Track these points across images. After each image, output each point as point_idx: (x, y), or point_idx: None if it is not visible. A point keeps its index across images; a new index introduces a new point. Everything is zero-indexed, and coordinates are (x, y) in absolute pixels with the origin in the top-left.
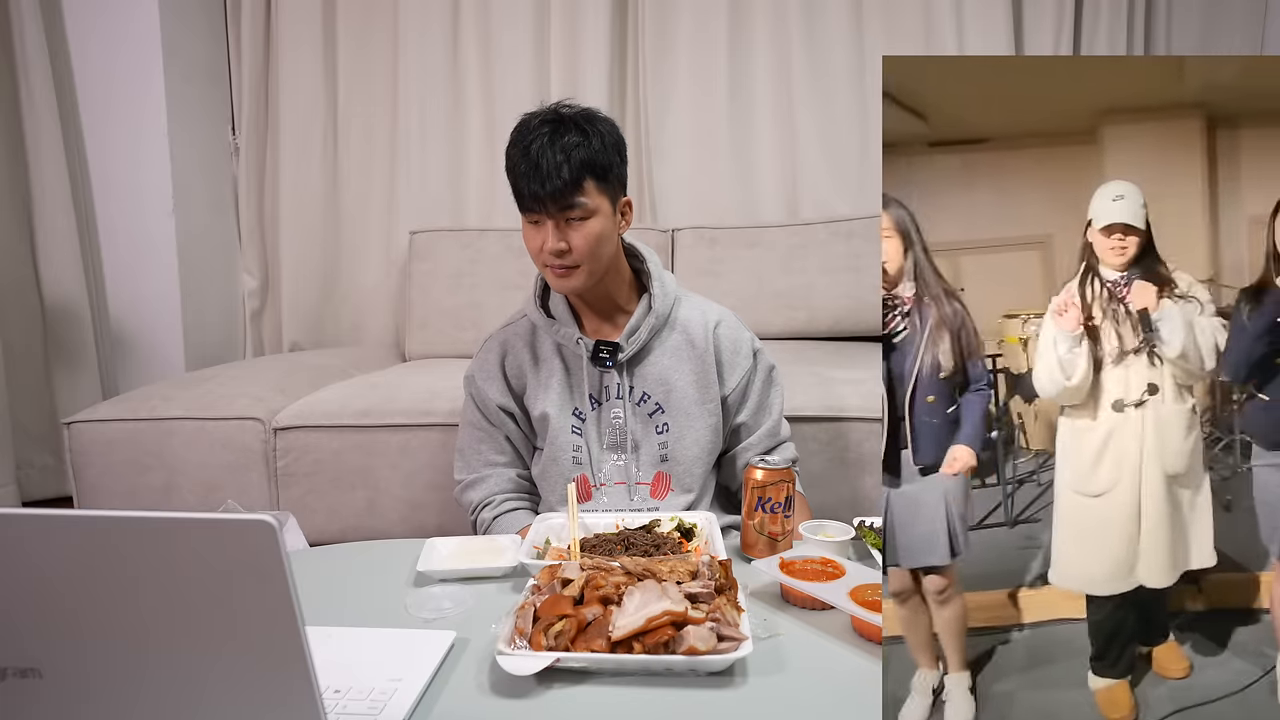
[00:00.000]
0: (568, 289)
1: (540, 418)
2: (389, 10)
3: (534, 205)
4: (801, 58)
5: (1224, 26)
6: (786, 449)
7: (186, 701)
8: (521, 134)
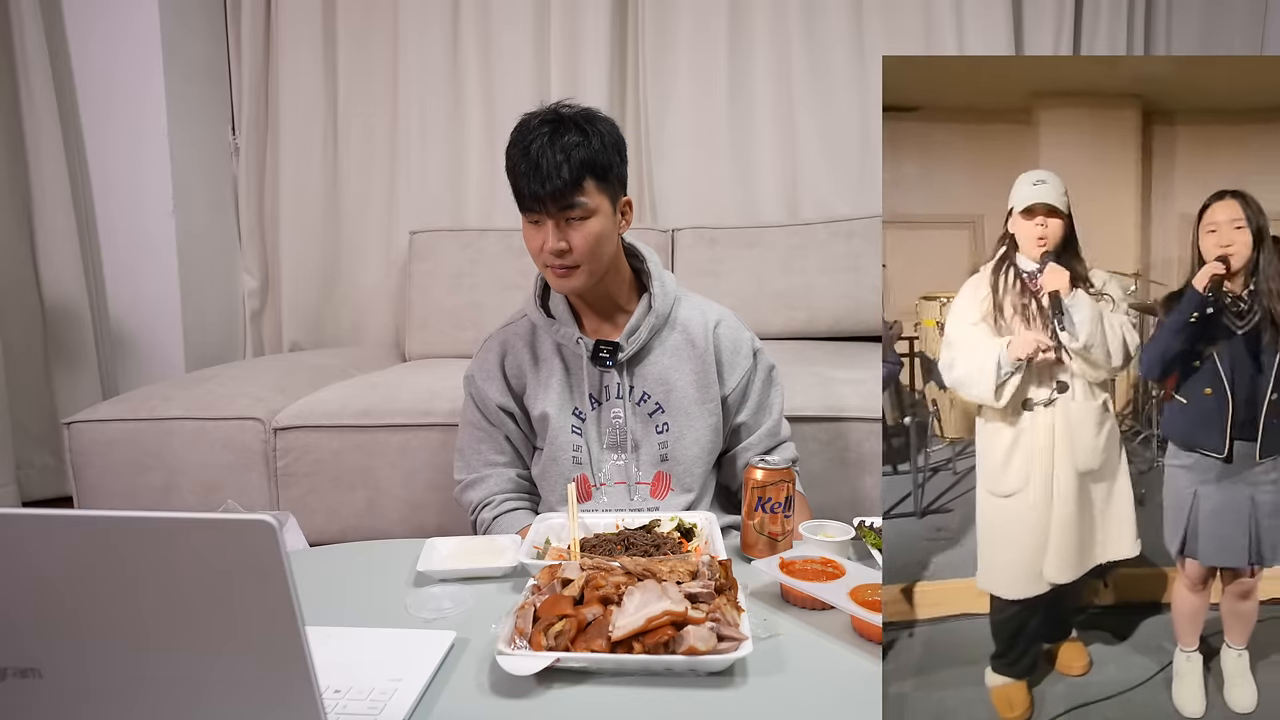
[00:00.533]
0: (568, 289)
1: (540, 417)
2: (389, 10)
3: (534, 205)
4: (801, 58)
5: (1224, 26)
6: (787, 449)
7: (186, 701)
8: (521, 134)
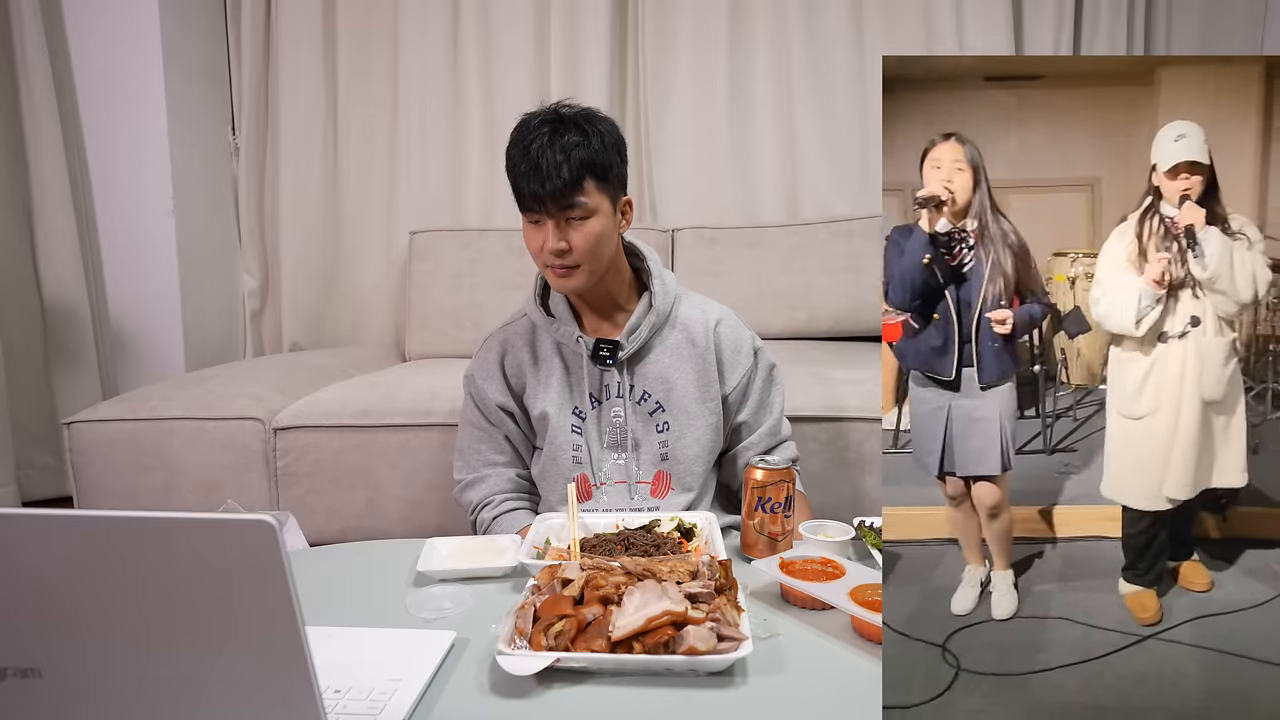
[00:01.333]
0: (568, 289)
1: (540, 417)
2: (389, 10)
3: (534, 205)
4: (801, 58)
5: (1224, 27)
6: (787, 448)
7: (186, 701)
8: (521, 134)
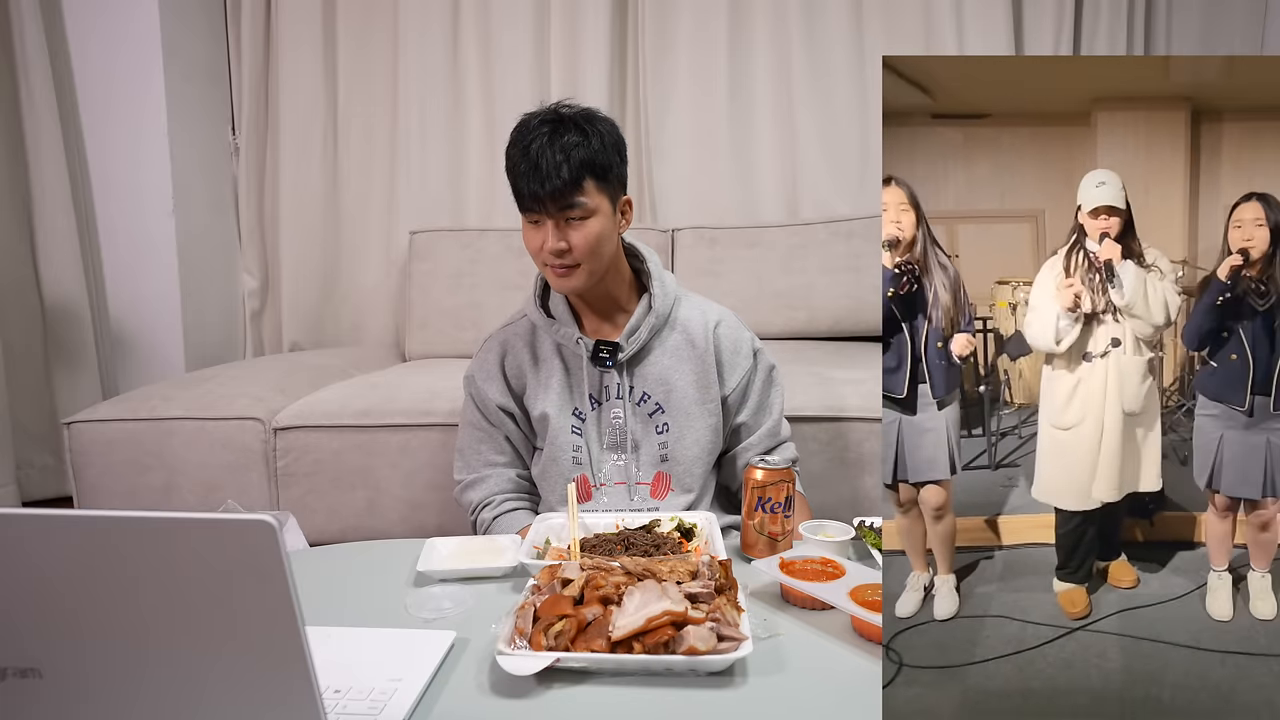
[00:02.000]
0: (568, 289)
1: (540, 418)
2: (389, 10)
3: (534, 205)
4: (801, 58)
5: (1224, 26)
6: (787, 449)
7: (186, 701)
8: (521, 134)
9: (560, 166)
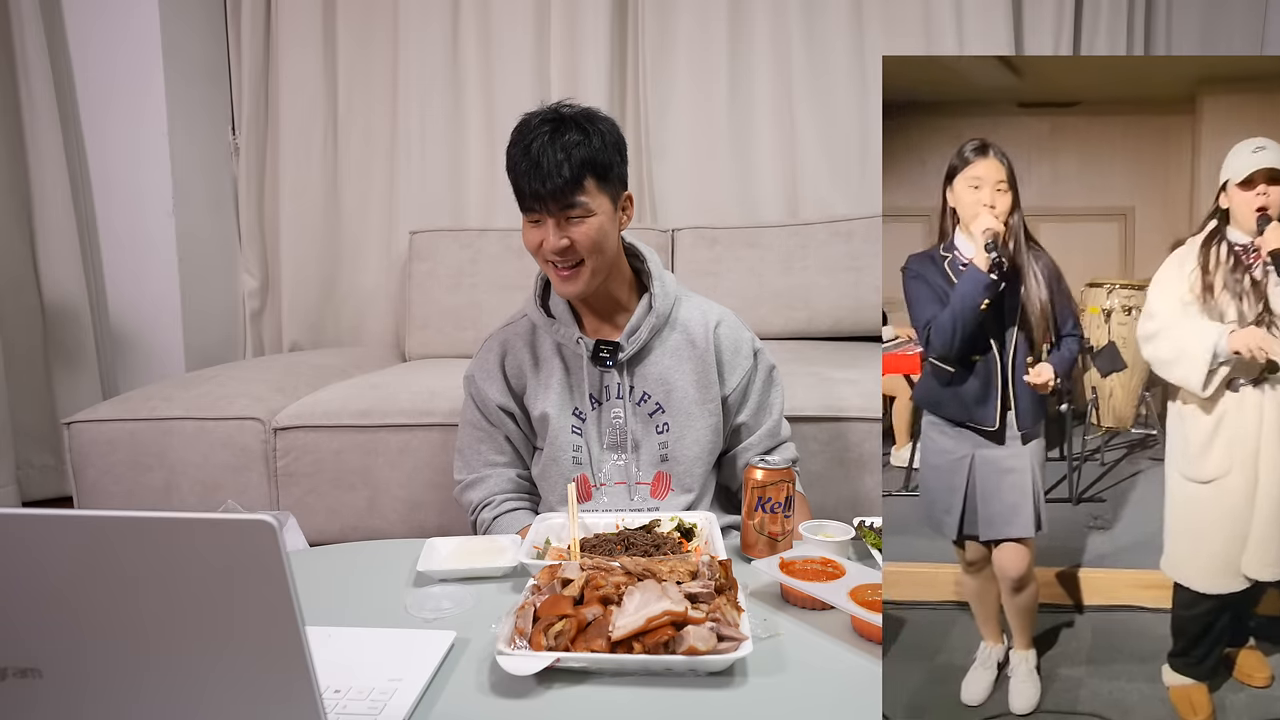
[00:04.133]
0: (573, 293)
1: (540, 418)
2: (389, 10)
3: (535, 204)
4: (801, 58)
5: (1224, 26)
6: (787, 449)
7: (186, 701)
8: (522, 133)
9: (561, 165)
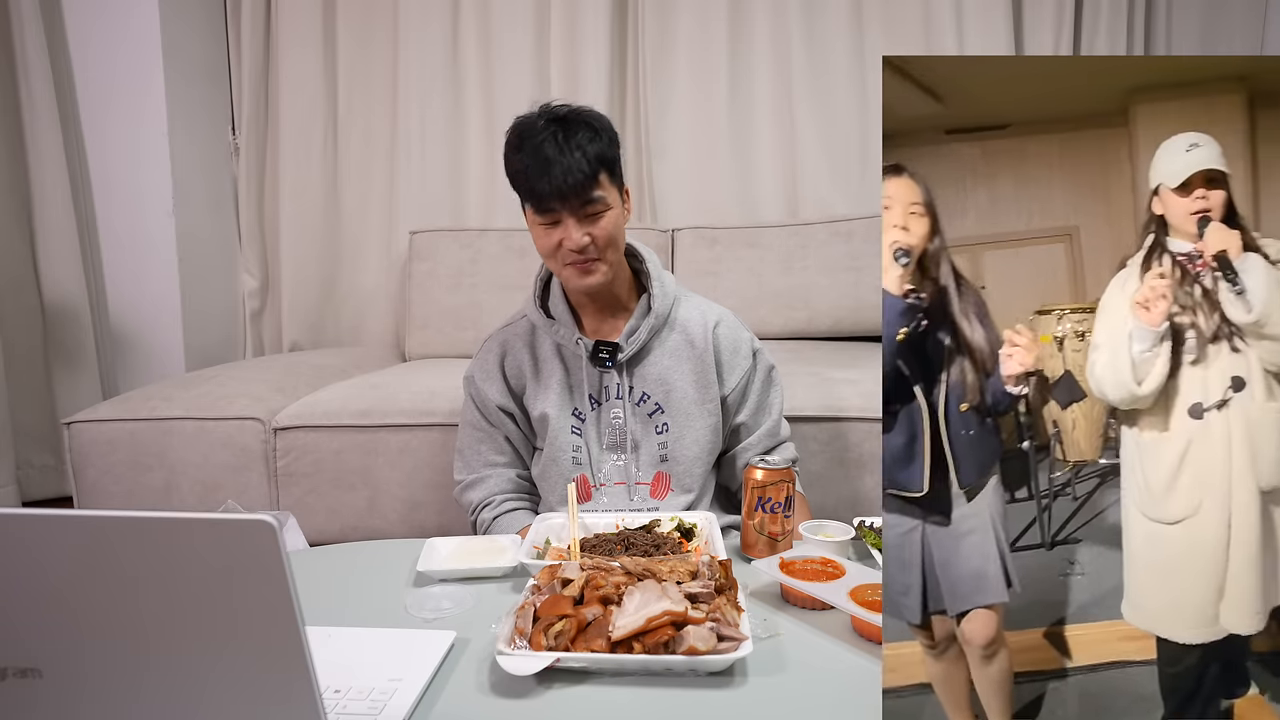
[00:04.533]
0: (591, 286)
1: (540, 418)
2: (389, 10)
3: (555, 204)
4: (801, 58)
5: (1224, 26)
6: (786, 449)
7: (186, 701)
8: (527, 136)
9: (580, 163)
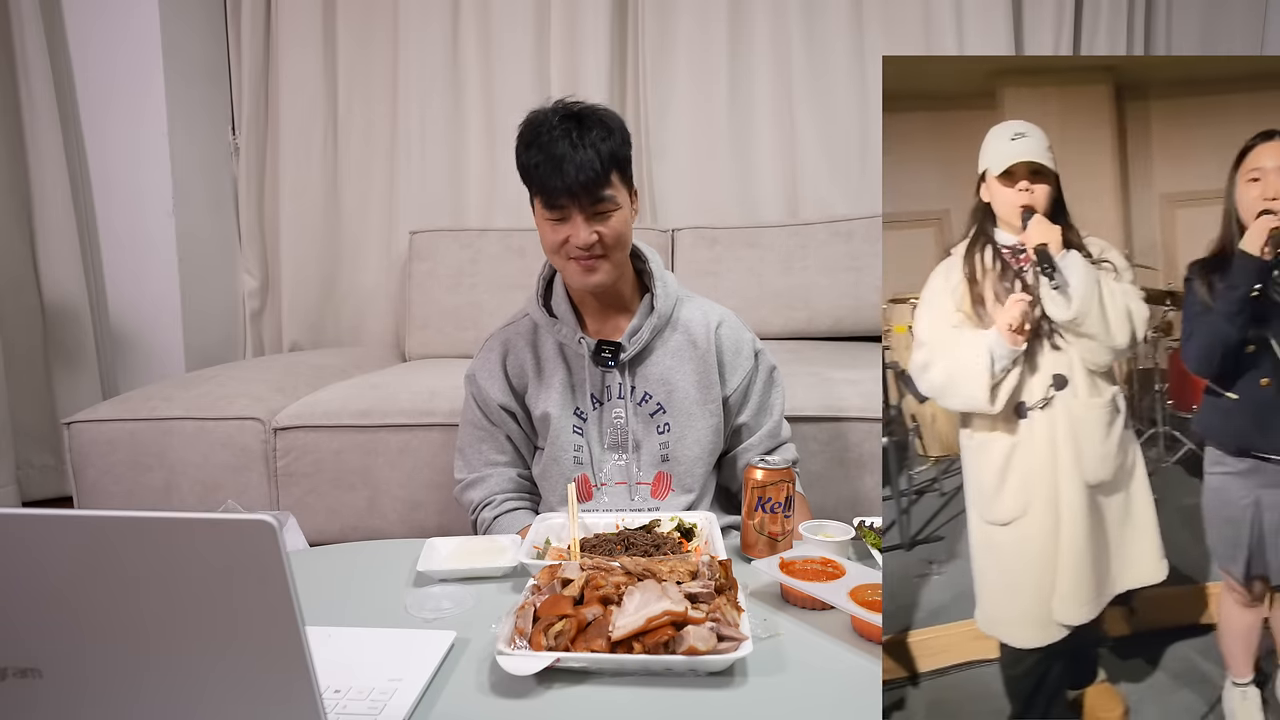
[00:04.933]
0: (594, 284)
1: (541, 417)
2: (389, 10)
3: (565, 200)
4: (801, 58)
5: (1224, 27)
6: (787, 450)
7: (186, 701)
8: (540, 132)
9: (593, 160)
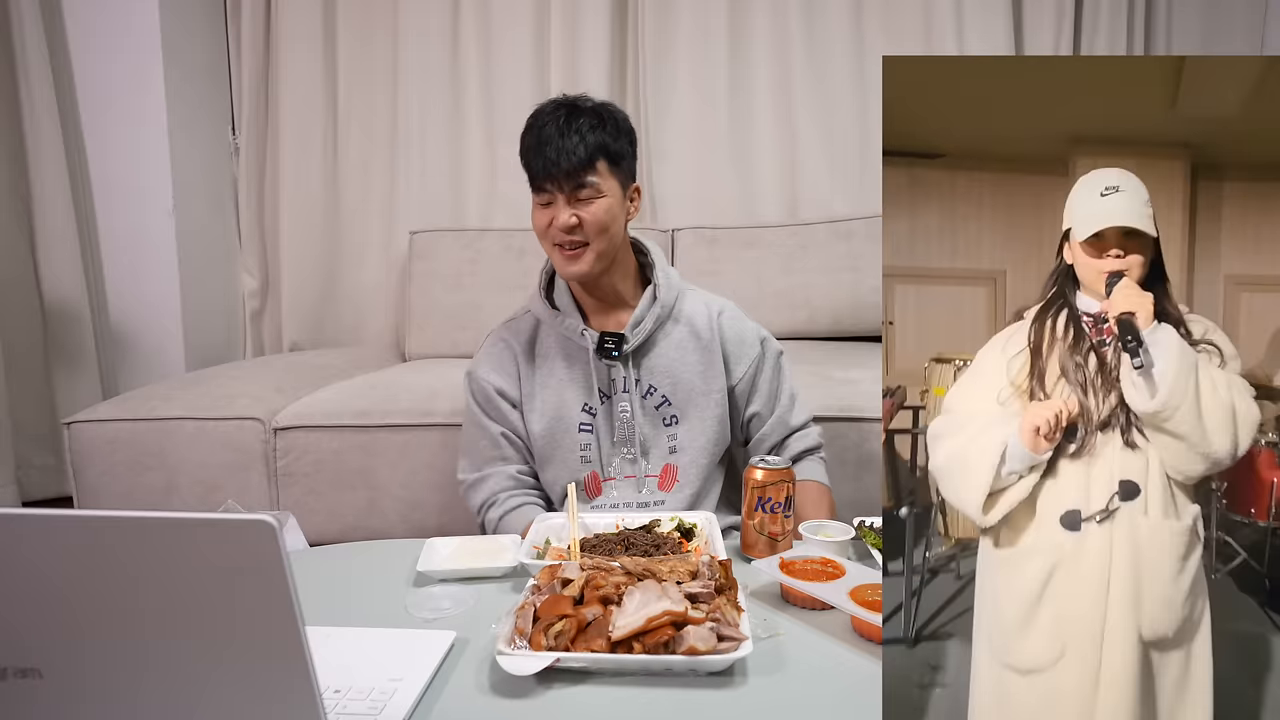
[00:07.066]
0: (576, 273)
1: (544, 414)
2: (389, 10)
3: (547, 183)
4: (801, 58)
5: (1224, 27)
6: (807, 436)
7: (186, 701)
8: (538, 116)
9: (577, 146)
